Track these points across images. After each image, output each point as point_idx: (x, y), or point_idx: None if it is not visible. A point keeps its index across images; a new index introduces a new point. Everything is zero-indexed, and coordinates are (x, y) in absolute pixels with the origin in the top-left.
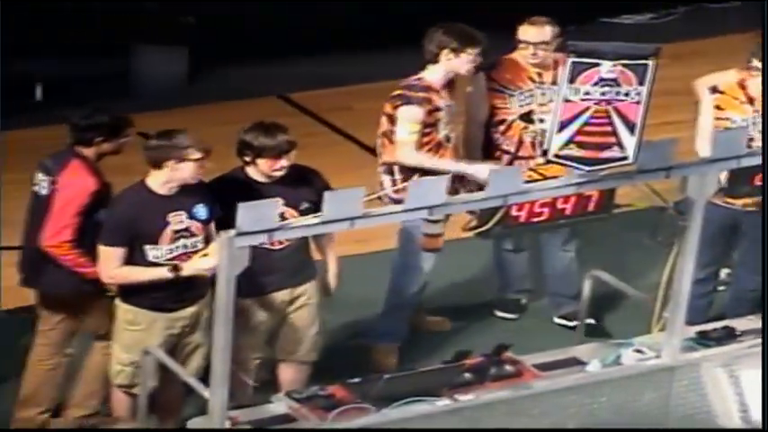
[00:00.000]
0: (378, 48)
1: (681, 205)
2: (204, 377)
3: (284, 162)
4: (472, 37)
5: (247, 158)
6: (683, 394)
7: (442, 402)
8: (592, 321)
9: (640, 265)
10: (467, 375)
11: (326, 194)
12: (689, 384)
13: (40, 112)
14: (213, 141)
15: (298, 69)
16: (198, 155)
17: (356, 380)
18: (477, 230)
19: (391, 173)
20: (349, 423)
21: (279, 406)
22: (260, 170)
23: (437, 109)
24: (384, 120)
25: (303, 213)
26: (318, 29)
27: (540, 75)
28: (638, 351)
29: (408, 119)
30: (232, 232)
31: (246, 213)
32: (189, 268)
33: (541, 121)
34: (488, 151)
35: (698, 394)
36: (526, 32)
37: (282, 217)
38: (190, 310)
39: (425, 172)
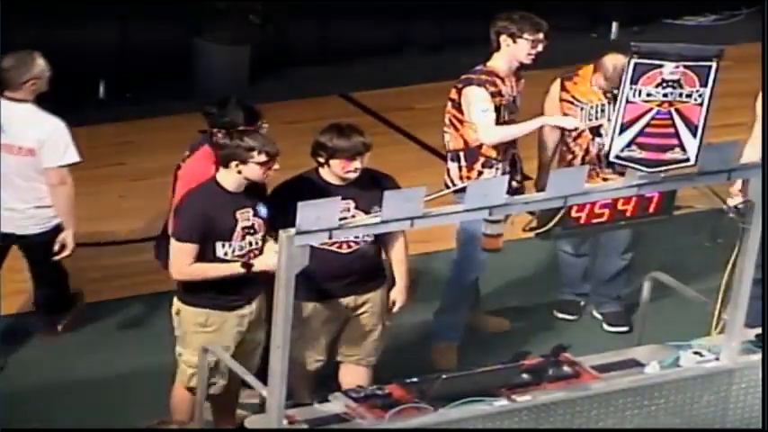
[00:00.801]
0: (438, 48)
1: (741, 207)
2: (259, 375)
3: (357, 164)
4: (532, 22)
5: (321, 159)
6: (742, 397)
7: (500, 403)
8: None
9: (700, 268)
10: (525, 376)
11: (386, 194)
12: (747, 387)
13: (103, 110)
14: (276, 140)
15: (360, 69)
16: (263, 158)
17: (414, 379)
18: (537, 231)
19: (458, 159)
20: (406, 423)
21: (336, 405)
22: (333, 171)
23: (500, 94)
24: (449, 105)
25: None
26: (380, 29)
27: (613, 90)
28: (697, 353)
29: (477, 99)
30: (292, 231)
31: (306, 212)
32: (259, 264)
33: None
34: (560, 152)
35: (756, 397)
36: (612, 64)
37: None
38: (253, 306)
39: (487, 160)
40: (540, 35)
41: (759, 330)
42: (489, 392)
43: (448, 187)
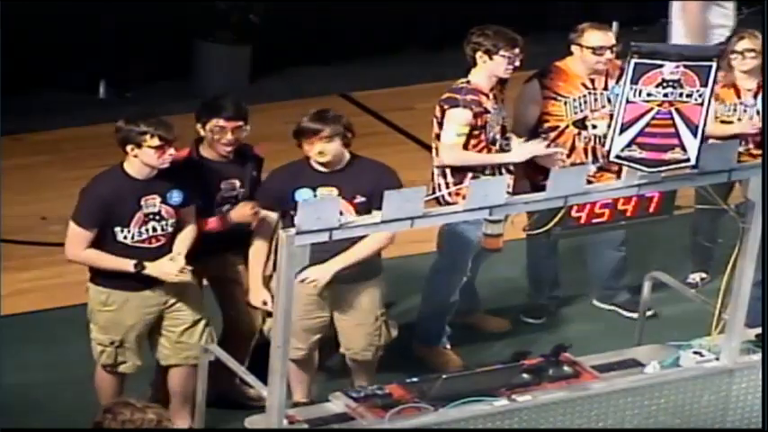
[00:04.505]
0: (438, 48)
1: (742, 207)
2: (257, 373)
3: (318, 148)
4: (506, 38)
5: (297, 143)
6: (742, 397)
7: (500, 403)
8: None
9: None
10: (525, 376)
11: (386, 194)
12: (747, 387)
13: (104, 110)
14: (276, 140)
15: (360, 69)
16: (156, 142)
17: (414, 379)
18: (537, 231)
19: (444, 175)
20: (406, 422)
21: (336, 405)
22: (307, 154)
23: (486, 111)
24: (435, 122)
25: (357, 207)
26: (380, 29)
27: (592, 81)
28: (697, 353)
29: (456, 121)
30: (292, 231)
31: (306, 211)
32: (153, 269)
33: (594, 126)
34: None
35: (756, 397)
36: (592, 37)
37: None
38: (159, 290)
39: (476, 175)
40: (516, 50)
41: (759, 330)
42: (489, 392)
43: (437, 200)
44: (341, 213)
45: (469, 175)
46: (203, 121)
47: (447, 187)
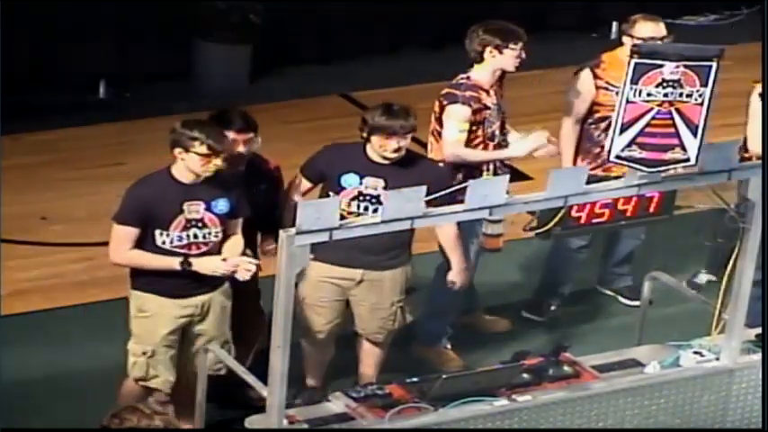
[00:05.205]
0: (438, 48)
1: (741, 207)
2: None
3: (394, 144)
4: (514, 33)
5: (363, 134)
6: (742, 397)
7: (500, 402)
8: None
9: (700, 267)
10: (525, 376)
11: (387, 194)
12: (747, 387)
13: (104, 110)
14: (276, 140)
15: (360, 69)
16: (204, 150)
17: (414, 379)
18: (537, 231)
19: None
20: (406, 422)
21: (336, 405)
22: (373, 148)
23: (485, 107)
24: (433, 119)
25: None
26: (380, 29)
27: None
28: (697, 353)
29: (456, 117)
30: (292, 231)
31: (306, 211)
32: (200, 265)
33: None
34: (582, 148)
35: (756, 397)
36: (643, 28)
37: (378, 200)
38: (200, 299)
39: (469, 172)
40: (521, 44)
41: (759, 330)
42: (489, 392)
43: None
44: (382, 204)
45: (463, 171)
46: None
47: None
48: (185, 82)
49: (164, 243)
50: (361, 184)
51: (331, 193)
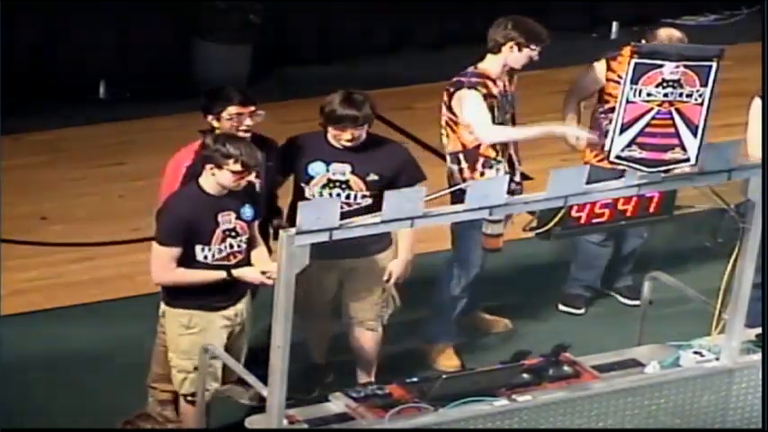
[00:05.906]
0: (438, 48)
1: (742, 207)
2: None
3: (348, 135)
4: (539, 35)
5: (320, 122)
6: (742, 397)
7: (500, 402)
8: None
9: (700, 267)
10: (525, 376)
11: (387, 193)
12: (747, 387)
13: (104, 110)
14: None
15: (360, 69)
16: (238, 167)
17: (414, 379)
18: (537, 231)
19: (458, 162)
20: (406, 422)
21: (336, 405)
22: (332, 135)
23: (492, 95)
24: (443, 109)
25: (369, 185)
26: (380, 29)
27: None
28: (698, 353)
29: (470, 101)
30: (292, 231)
31: (307, 211)
32: (239, 273)
33: None
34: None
35: (756, 397)
36: (662, 32)
37: (348, 185)
38: (240, 307)
39: (486, 160)
40: (540, 47)
41: (759, 330)
42: (489, 392)
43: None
44: (352, 189)
45: (481, 160)
46: (217, 111)
47: (461, 173)
48: (185, 82)
49: (206, 258)
50: (328, 171)
51: (302, 184)
